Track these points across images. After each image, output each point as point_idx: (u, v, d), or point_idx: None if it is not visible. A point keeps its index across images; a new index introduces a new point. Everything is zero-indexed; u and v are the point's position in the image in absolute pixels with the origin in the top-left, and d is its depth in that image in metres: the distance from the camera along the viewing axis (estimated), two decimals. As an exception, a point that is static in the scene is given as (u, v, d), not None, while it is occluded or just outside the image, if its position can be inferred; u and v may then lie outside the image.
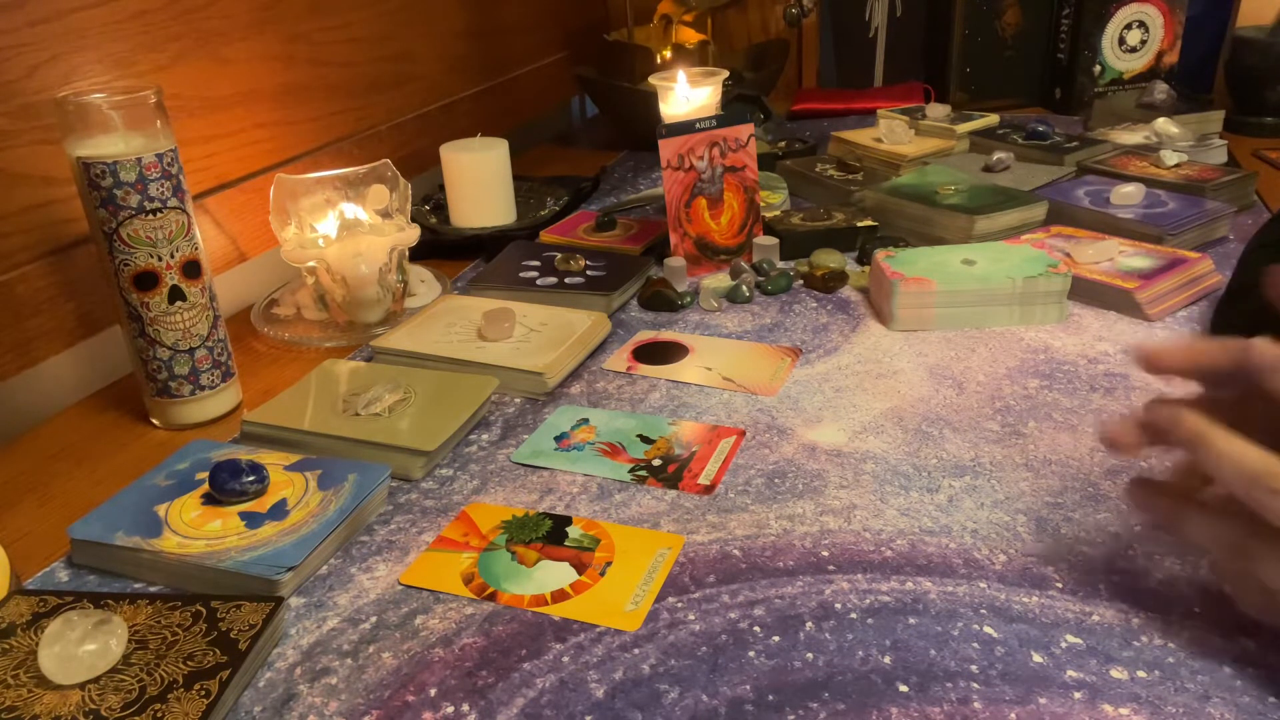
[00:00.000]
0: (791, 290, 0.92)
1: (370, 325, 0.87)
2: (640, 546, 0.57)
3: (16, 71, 0.74)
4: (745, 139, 0.95)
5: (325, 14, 1.06)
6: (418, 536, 0.59)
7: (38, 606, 0.51)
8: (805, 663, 0.47)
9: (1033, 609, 0.50)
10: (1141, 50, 1.46)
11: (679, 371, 0.77)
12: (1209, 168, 1.07)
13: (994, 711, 0.44)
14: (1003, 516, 0.58)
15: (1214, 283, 0.86)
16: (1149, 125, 1.21)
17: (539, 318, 0.83)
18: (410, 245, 0.89)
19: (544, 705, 0.46)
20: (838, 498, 0.60)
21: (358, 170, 0.88)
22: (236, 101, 0.95)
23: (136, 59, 0.84)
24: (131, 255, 0.67)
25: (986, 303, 0.81)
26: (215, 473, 0.59)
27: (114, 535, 0.56)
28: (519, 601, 0.53)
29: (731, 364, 0.77)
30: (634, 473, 0.64)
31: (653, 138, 0.93)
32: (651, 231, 1.03)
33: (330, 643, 0.51)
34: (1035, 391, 0.71)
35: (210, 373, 0.73)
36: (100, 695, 0.45)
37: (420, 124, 1.25)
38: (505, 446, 0.68)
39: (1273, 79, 1.31)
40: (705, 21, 1.60)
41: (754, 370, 0.76)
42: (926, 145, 1.22)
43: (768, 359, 0.78)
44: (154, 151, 0.66)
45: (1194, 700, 0.44)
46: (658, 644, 0.49)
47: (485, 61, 1.41)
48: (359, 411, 0.69)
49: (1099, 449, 0.64)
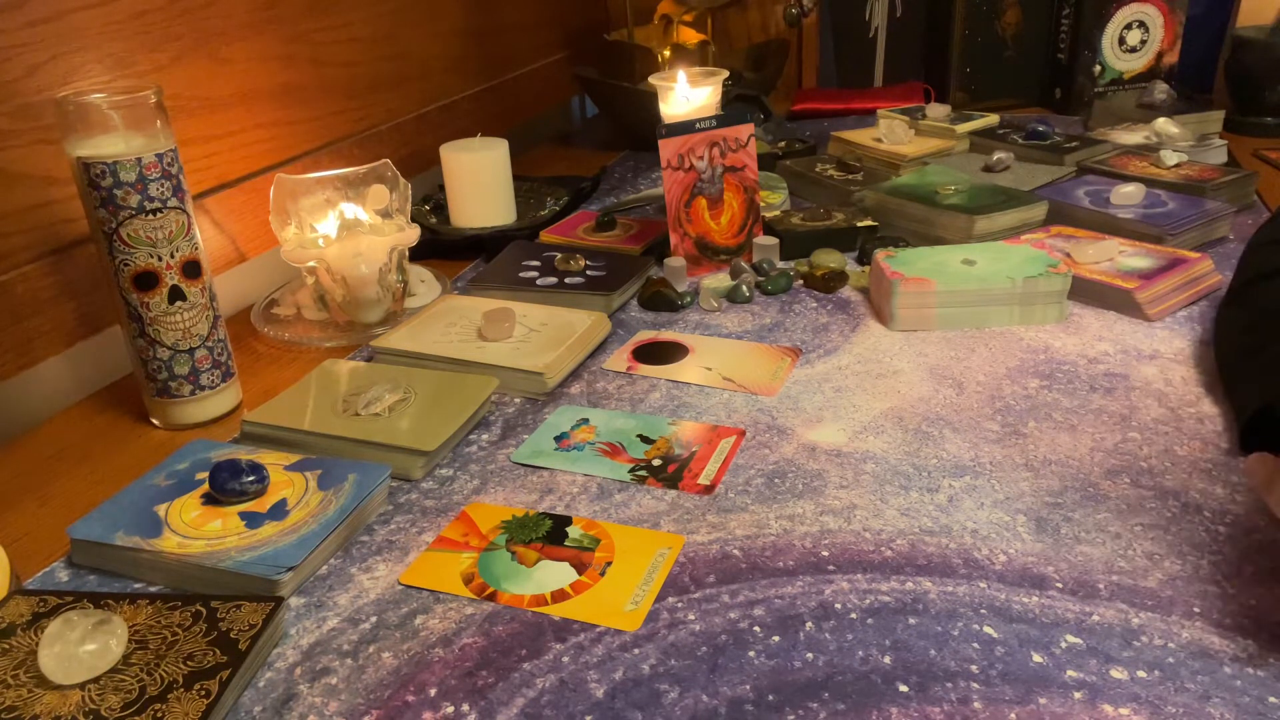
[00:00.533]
0: (791, 290, 0.92)
1: (370, 325, 0.87)
2: (640, 546, 0.57)
3: (16, 71, 0.74)
4: (745, 139, 0.95)
5: (325, 14, 1.06)
6: (418, 536, 0.59)
7: (38, 606, 0.51)
8: (805, 663, 0.47)
9: (1033, 609, 0.50)
10: (1141, 50, 1.45)
11: (679, 371, 0.77)
12: (1209, 168, 1.07)
13: (994, 711, 0.44)
14: (1003, 516, 0.58)
15: (1214, 283, 0.86)
16: (1149, 125, 1.21)
17: (539, 318, 0.83)
18: (410, 245, 0.89)
19: (544, 705, 0.46)
20: (838, 498, 0.60)
21: (358, 170, 0.88)
22: (236, 101, 0.95)
23: (136, 59, 0.84)
24: (131, 255, 0.67)
25: (986, 303, 0.81)
26: (215, 473, 0.59)
27: (114, 535, 0.56)
28: (519, 601, 0.53)
29: (732, 364, 0.77)
30: (634, 473, 0.64)
31: (653, 138, 0.93)
32: (651, 231, 1.03)
33: (330, 643, 0.51)
34: (1035, 391, 0.71)
35: (210, 373, 0.73)
36: (100, 695, 0.45)
37: (420, 124, 1.25)
38: (505, 446, 0.68)
39: (1273, 79, 1.31)
40: (705, 21, 1.60)
41: (754, 370, 0.76)
42: (926, 145, 1.22)
43: (768, 359, 0.78)
44: (154, 151, 0.66)
45: (1194, 700, 0.44)
46: (658, 644, 0.49)
47: (485, 61, 1.41)
48: (359, 411, 0.69)
49: (1099, 449, 0.64)
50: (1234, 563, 0.53)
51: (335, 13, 1.08)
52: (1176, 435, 0.65)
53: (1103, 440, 0.65)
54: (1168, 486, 0.60)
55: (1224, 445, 0.63)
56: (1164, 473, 0.61)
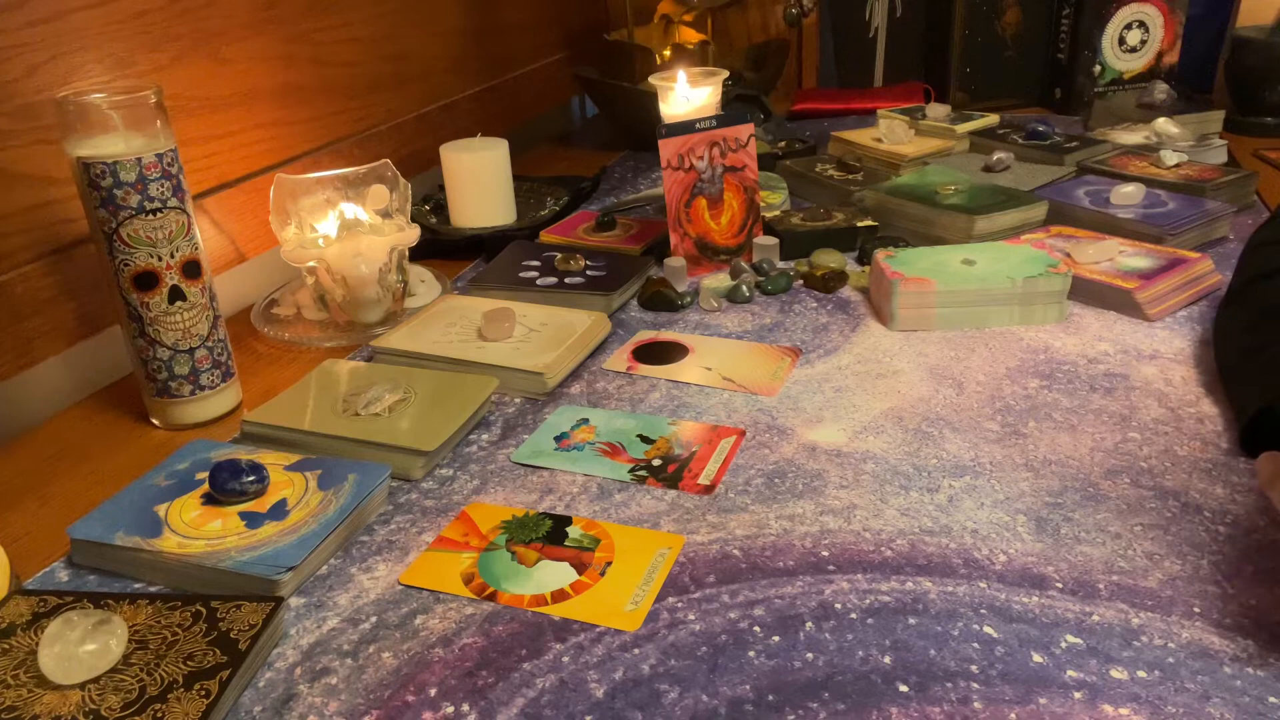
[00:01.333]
0: (791, 290, 0.92)
1: (370, 325, 0.87)
2: (640, 546, 0.57)
3: (16, 71, 0.74)
4: (745, 139, 0.95)
5: (325, 14, 1.06)
6: (418, 536, 0.59)
7: (38, 606, 0.51)
8: (805, 663, 0.47)
9: (1033, 609, 0.50)
10: (1141, 50, 1.45)
11: (679, 371, 0.77)
12: (1209, 168, 1.07)
13: (994, 711, 0.44)
14: (1003, 516, 0.58)
15: (1214, 283, 0.86)
16: (1149, 125, 1.21)
17: (539, 318, 0.83)
18: (410, 245, 0.89)
19: (544, 705, 0.46)
20: (838, 498, 0.60)
21: (358, 170, 0.88)
22: (236, 101, 0.95)
23: (136, 59, 0.84)
24: (131, 255, 0.67)
25: (986, 303, 0.81)
26: (215, 473, 0.59)
27: (114, 535, 0.56)
28: (519, 601, 0.53)
29: (731, 364, 0.77)
30: (634, 473, 0.64)
31: (653, 138, 0.93)
32: (651, 231, 1.03)
33: (330, 643, 0.51)
34: (1035, 391, 0.71)
35: (210, 373, 0.73)
36: (100, 695, 0.45)
37: (420, 124, 1.25)
38: (505, 446, 0.68)
39: (1273, 79, 1.31)
40: (705, 21, 1.60)
41: (754, 370, 0.76)
42: (926, 145, 1.22)
43: (767, 358, 0.78)
44: (154, 151, 0.66)
45: (1194, 700, 0.44)
46: (657, 644, 0.49)
47: (485, 61, 1.41)
48: (359, 411, 0.69)
49: (1099, 449, 0.64)
50: (1234, 563, 0.53)
51: (335, 13, 1.08)
52: (1176, 435, 0.65)
53: (1103, 440, 0.65)
54: (1168, 486, 0.60)
55: (1224, 445, 0.63)
56: (1164, 473, 0.61)
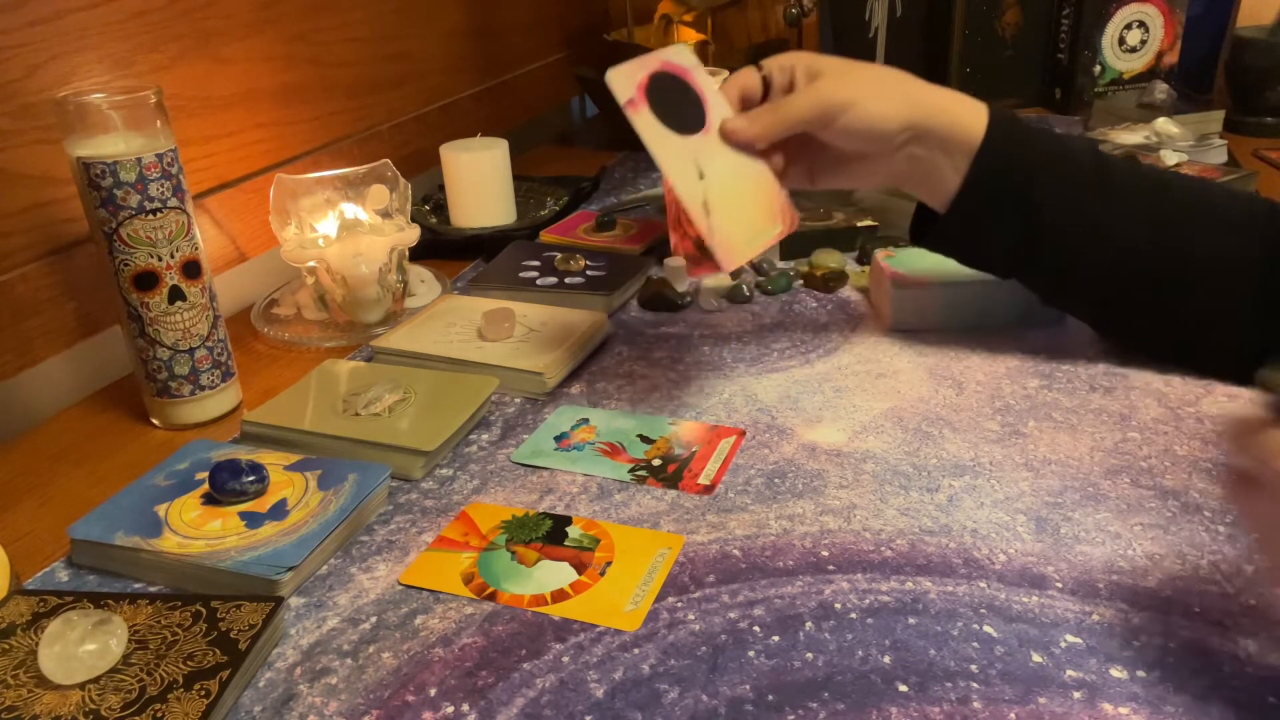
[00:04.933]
0: (791, 290, 0.92)
1: (370, 325, 0.87)
2: (640, 546, 0.57)
3: (16, 71, 0.74)
4: (745, 139, 0.94)
5: (325, 14, 1.06)
6: (418, 536, 0.59)
7: (38, 606, 0.51)
8: (805, 662, 0.47)
9: (1033, 609, 0.50)
10: (1141, 50, 1.45)
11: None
12: (1209, 167, 1.07)
13: (994, 711, 0.44)
14: (1003, 516, 0.58)
15: (1214, 283, 0.85)
16: (1149, 125, 1.21)
17: (539, 318, 0.83)
18: (410, 245, 0.89)
19: (544, 705, 0.46)
20: (837, 498, 0.60)
21: (358, 170, 0.88)
22: (236, 101, 0.95)
23: (136, 59, 0.84)
24: (131, 255, 0.67)
25: (986, 302, 0.81)
26: (215, 473, 0.59)
27: (114, 535, 0.56)
28: (519, 601, 0.53)
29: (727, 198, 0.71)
30: (634, 473, 0.64)
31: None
32: (651, 231, 1.03)
33: (330, 643, 0.51)
34: (1035, 391, 0.71)
35: (210, 373, 0.73)
36: (100, 695, 0.45)
37: (420, 124, 1.25)
38: (505, 446, 0.68)
39: (1273, 79, 1.31)
40: (705, 21, 1.60)
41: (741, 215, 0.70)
42: (926, 145, 1.21)
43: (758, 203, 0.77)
44: (154, 151, 0.66)
45: (1194, 700, 0.44)
46: (657, 644, 0.49)
47: (485, 61, 1.41)
48: (359, 411, 0.69)
49: (1099, 448, 0.64)
50: (1234, 563, 0.53)
51: (335, 13, 1.08)
52: (1176, 435, 0.65)
53: (1102, 440, 0.65)
54: (1168, 486, 0.60)
55: (1224, 445, 0.63)
56: (1164, 473, 0.61)
